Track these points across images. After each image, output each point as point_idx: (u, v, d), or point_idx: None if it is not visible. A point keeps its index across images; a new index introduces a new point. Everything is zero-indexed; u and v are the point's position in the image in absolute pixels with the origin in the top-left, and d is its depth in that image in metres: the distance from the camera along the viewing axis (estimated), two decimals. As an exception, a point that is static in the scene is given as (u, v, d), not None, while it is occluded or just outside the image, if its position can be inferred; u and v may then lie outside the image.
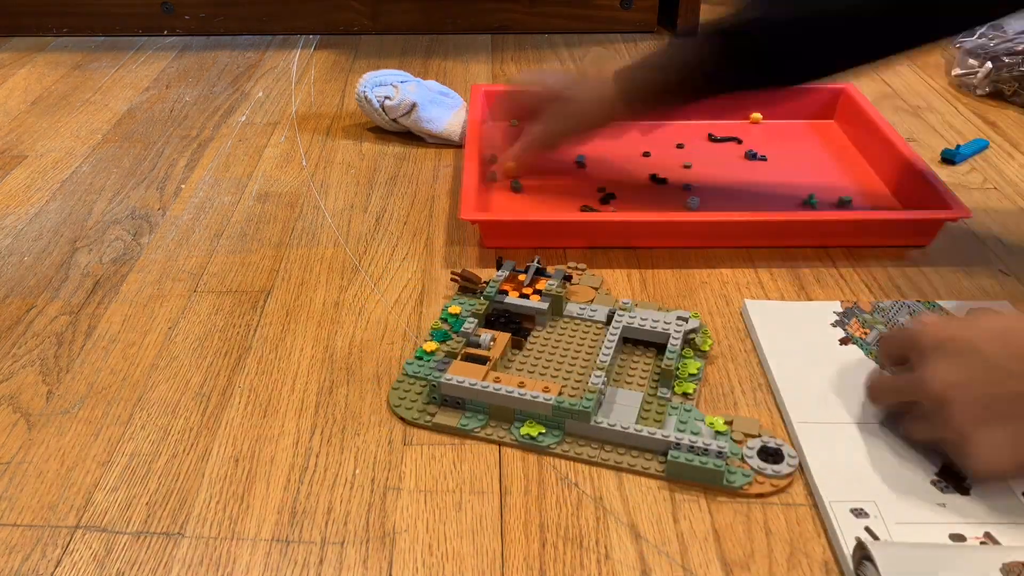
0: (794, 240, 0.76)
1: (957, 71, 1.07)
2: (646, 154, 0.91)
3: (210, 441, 0.57)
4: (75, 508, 0.52)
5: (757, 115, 0.98)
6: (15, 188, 0.88)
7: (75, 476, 0.54)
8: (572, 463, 0.55)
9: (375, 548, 0.49)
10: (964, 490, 0.51)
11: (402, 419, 0.58)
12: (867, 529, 0.49)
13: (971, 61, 1.06)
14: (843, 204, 0.81)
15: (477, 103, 0.94)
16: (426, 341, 0.64)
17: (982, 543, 0.48)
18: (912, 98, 1.07)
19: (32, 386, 0.62)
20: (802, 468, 0.54)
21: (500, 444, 0.56)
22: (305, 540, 0.50)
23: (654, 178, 0.86)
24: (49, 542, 0.50)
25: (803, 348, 0.63)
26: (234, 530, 0.51)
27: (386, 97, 0.94)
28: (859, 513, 0.50)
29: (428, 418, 0.58)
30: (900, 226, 0.76)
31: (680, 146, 0.93)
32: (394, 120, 0.95)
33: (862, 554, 0.45)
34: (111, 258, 0.76)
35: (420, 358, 0.63)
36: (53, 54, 1.23)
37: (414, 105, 0.93)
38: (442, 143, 0.95)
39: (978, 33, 1.06)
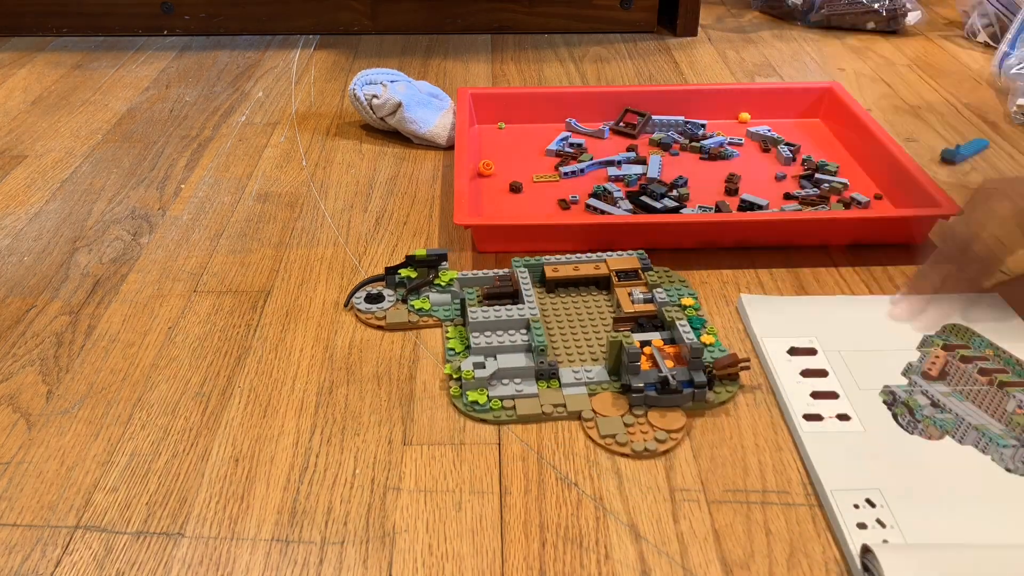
0: (786, 239, 0.76)
1: (1022, 101, 1.01)
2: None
3: (210, 441, 0.57)
4: (75, 508, 0.52)
5: (746, 115, 0.98)
6: (15, 188, 0.88)
7: (75, 476, 0.54)
8: (569, 465, 0.55)
9: (375, 548, 0.49)
10: None
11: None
12: (877, 520, 0.49)
13: None
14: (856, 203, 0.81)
15: (465, 106, 0.94)
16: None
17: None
18: (912, 98, 1.07)
19: (32, 386, 0.62)
20: (805, 465, 0.54)
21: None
22: (305, 540, 0.50)
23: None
24: (49, 542, 0.50)
25: (800, 343, 0.63)
26: (234, 530, 0.51)
27: (374, 96, 0.94)
28: (864, 503, 0.50)
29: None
30: (891, 224, 0.76)
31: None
32: (381, 119, 0.95)
33: (866, 555, 0.45)
34: (111, 258, 0.76)
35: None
36: (53, 54, 1.23)
37: (399, 105, 0.93)
38: (430, 145, 0.95)
39: None
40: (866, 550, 0.46)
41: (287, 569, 0.48)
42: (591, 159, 0.89)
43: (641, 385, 0.58)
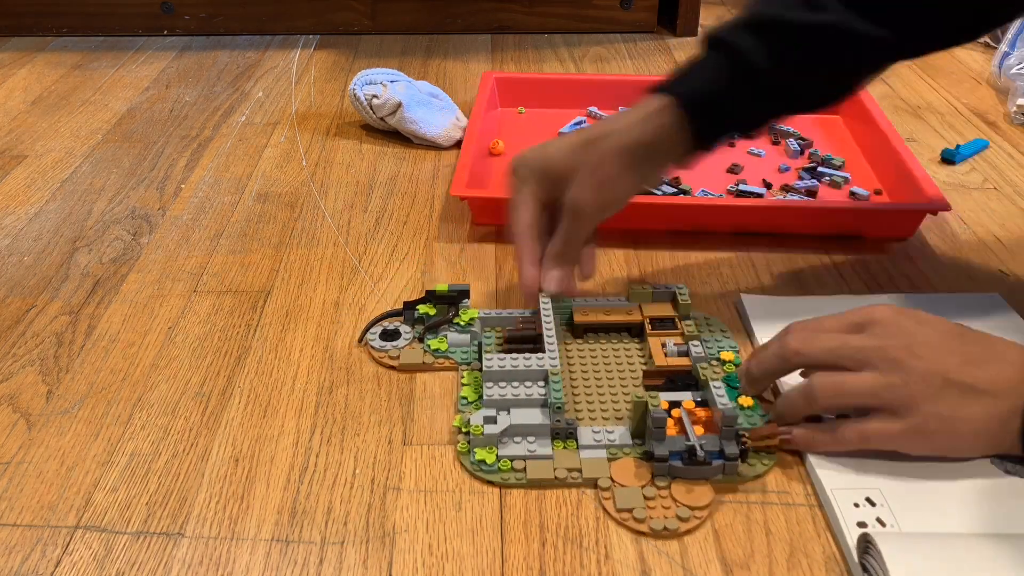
0: (773, 225, 0.77)
1: (1022, 101, 1.00)
2: None
3: (210, 441, 0.57)
4: (75, 508, 0.52)
5: None
6: (15, 188, 0.88)
7: (75, 476, 0.54)
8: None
9: (375, 548, 0.49)
10: None
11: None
12: (877, 519, 0.49)
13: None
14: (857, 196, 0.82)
15: (487, 89, 0.97)
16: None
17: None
18: (912, 98, 1.07)
19: (32, 386, 0.62)
20: (804, 464, 0.54)
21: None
22: (305, 540, 0.50)
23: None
24: (49, 542, 0.50)
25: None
26: (234, 530, 0.51)
27: (374, 96, 0.94)
28: (864, 502, 0.50)
29: None
30: (878, 217, 0.77)
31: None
32: (381, 119, 0.95)
33: (866, 543, 0.46)
34: (111, 258, 0.76)
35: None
36: (53, 54, 1.23)
37: (399, 105, 0.93)
38: (430, 145, 0.95)
39: None
40: (864, 550, 0.46)
41: (287, 569, 0.48)
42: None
43: (666, 454, 0.53)
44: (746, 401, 0.58)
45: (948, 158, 0.91)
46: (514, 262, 0.72)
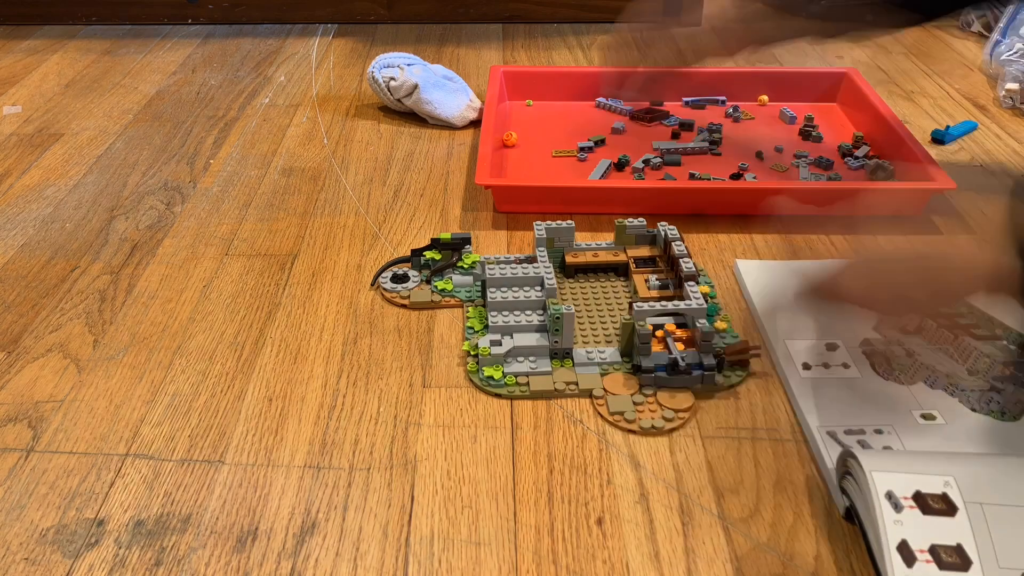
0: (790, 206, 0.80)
1: (1011, 86, 1.05)
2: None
3: (245, 383, 0.62)
4: (124, 439, 0.57)
5: (764, 97, 1.02)
6: (54, 163, 0.93)
7: (123, 412, 0.60)
8: (575, 405, 0.60)
9: (398, 473, 0.54)
10: None
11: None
12: (858, 442, 0.54)
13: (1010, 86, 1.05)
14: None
15: (496, 83, 1.00)
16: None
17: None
18: (907, 84, 1.11)
19: (79, 336, 0.67)
20: (792, 407, 0.59)
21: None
22: (335, 467, 0.55)
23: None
24: (103, 467, 0.55)
25: (790, 301, 0.68)
26: (269, 458, 0.56)
27: (391, 78, 0.99)
28: (844, 435, 0.55)
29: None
30: (892, 196, 0.81)
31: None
32: (398, 100, 1.00)
33: (844, 469, 0.50)
34: (147, 225, 0.81)
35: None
36: (83, 41, 1.28)
37: (416, 87, 0.98)
38: (445, 125, 1.00)
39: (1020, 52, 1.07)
40: (843, 475, 0.51)
41: (319, 491, 0.53)
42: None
43: (652, 366, 0.60)
44: (721, 325, 0.65)
45: (938, 138, 0.95)
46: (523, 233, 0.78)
